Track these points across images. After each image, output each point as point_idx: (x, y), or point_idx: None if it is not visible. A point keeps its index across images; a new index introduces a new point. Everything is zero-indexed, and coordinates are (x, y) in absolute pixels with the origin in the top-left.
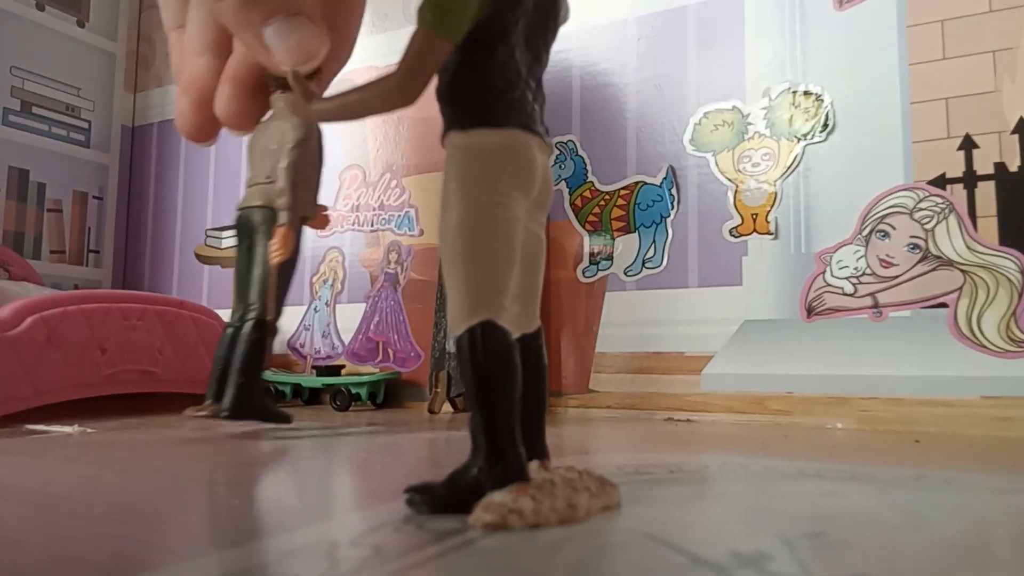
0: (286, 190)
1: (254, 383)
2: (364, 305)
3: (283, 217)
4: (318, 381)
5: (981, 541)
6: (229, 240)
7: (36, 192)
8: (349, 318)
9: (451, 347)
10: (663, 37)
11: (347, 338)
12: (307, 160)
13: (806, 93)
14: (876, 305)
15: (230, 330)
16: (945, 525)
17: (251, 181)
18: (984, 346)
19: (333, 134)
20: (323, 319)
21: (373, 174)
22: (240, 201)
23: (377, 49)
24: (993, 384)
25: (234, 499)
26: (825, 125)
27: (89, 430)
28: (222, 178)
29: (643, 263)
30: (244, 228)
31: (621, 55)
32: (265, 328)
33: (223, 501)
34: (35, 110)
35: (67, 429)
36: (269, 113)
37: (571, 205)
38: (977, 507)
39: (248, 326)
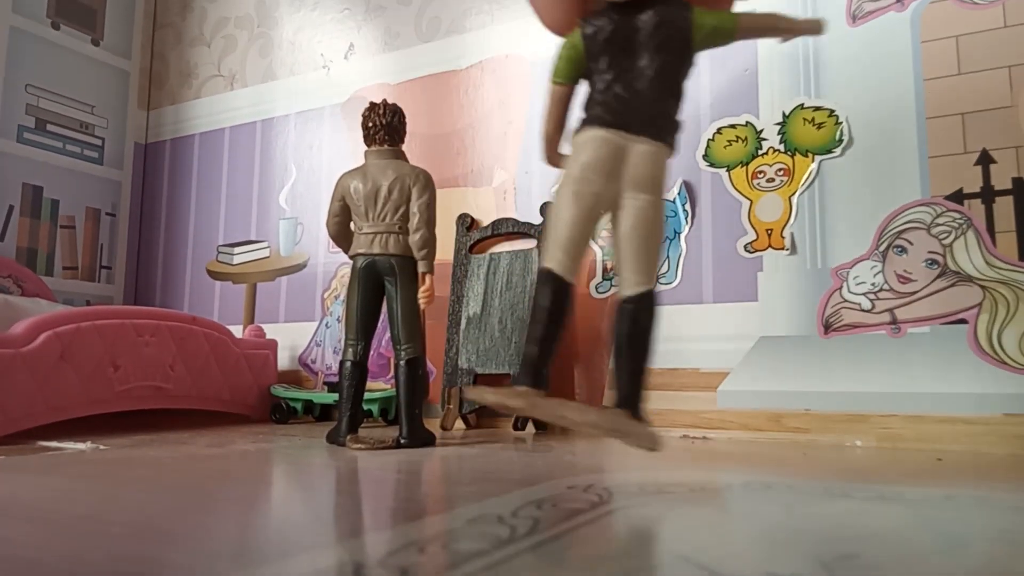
0: (430, 241)
1: (420, 414)
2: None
3: (430, 266)
4: (329, 397)
5: (1022, 564)
6: (241, 256)
7: (50, 209)
8: None
9: (464, 364)
10: None
11: None
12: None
13: (820, 109)
14: (894, 321)
15: (348, 364)
16: (982, 547)
17: (376, 228)
18: (1005, 363)
19: (343, 154)
20: (334, 335)
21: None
22: (363, 247)
23: (388, 67)
24: (1015, 401)
25: (255, 518)
26: (840, 140)
27: (102, 447)
28: (234, 195)
29: (657, 279)
30: (372, 272)
31: None
32: (421, 364)
33: (242, 520)
34: (49, 127)
35: (80, 446)
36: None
37: None
38: (1013, 528)
39: (405, 365)
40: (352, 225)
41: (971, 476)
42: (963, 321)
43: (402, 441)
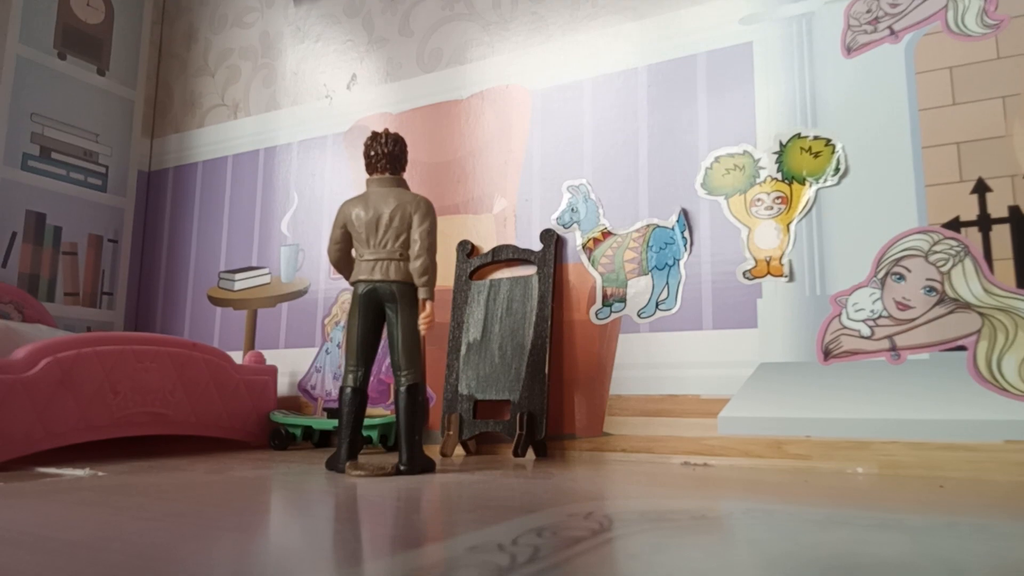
0: (430, 268)
1: (420, 440)
2: None
3: (430, 292)
4: (329, 423)
5: None
6: (242, 282)
7: (52, 235)
8: None
9: (464, 390)
10: (673, 84)
11: None
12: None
13: (816, 138)
14: (894, 348)
15: (348, 390)
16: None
17: (377, 254)
18: (1006, 389)
19: (345, 182)
20: (334, 361)
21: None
22: (364, 273)
23: (390, 97)
24: (1017, 428)
25: (253, 546)
26: (837, 169)
27: (100, 473)
28: (236, 222)
29: (656, 305)
30: (373, 299)
31: (632, 102)
32: (421, 390)
33: (240, 548)
34: (54, 155)
35: (79, 472)
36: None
37: (584, 247)
38: (1013, 556)
39: (405, 391)
40: (353, 252)
41: (973, 504)
42: (962, 348)
43: (401, 468)
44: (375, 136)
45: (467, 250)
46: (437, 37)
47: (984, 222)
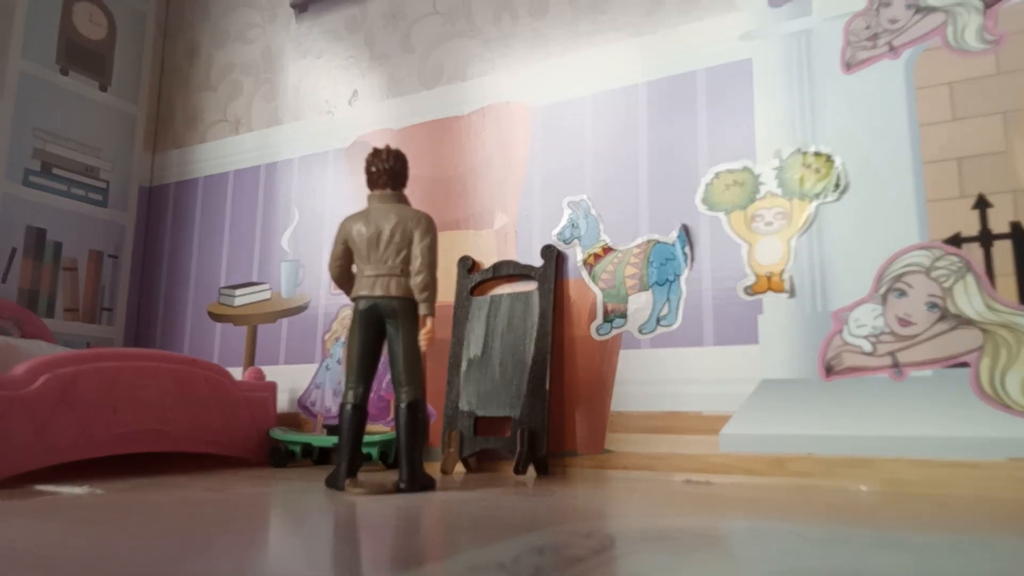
0: (431, 284)
1: (421, 457)
2: None
3: (431, 308)
4: (328, 440)
5: None
6: (242, 298)
7: (52, 251)
8: None
9: (464, 406)
10: (674, 100)
11: None
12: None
13: (817, 154)
14: (896, 364)
15: (348, 407)
16: None
17: (378, 270)
18: (1009, 407)
19: (345, 197)
20: (334, 377)
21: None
22: (365, 289)
23: (391, 112)
24: (1020, 446)
25: (251, 565)
26: (837, 185)
27: (99, 491)
28: (237, 237)
29: (657, 321)
30: (373, 315)
31: (632, 118)
32: (421, 407)
33: (238, 567)
34: (55, 171)
35: (77, 490)
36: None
37: (584, 263)
38: (1018, 575)
39: (406, 408)
40: (354, 268)
41: (977, 522)
42: (965, 364)
43: (401, 486)
44: (376, 152)
45: (468, 266)
46: (438, 54)
47: (985, 238)
